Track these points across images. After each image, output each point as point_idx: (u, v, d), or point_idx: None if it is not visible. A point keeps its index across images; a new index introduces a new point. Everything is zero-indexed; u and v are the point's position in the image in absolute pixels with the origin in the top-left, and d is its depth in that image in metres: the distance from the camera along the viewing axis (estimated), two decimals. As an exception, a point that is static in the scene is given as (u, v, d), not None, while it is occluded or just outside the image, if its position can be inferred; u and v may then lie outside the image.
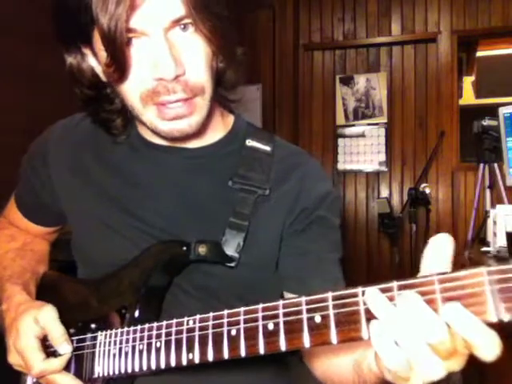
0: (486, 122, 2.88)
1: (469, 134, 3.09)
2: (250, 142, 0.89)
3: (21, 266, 0.96)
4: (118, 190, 0.87)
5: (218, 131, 0.90)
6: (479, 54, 4.99)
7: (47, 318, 0.80)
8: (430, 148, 3.81)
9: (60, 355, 0.79)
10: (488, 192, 2.99)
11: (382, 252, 3.95)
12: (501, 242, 2.01)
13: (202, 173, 0.87)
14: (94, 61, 0.79)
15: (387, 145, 3.98)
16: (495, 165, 2.96)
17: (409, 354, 0.47)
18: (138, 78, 0.74)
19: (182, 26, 0.73)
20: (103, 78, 0.81)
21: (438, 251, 0.48)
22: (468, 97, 5.23)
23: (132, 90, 0.75)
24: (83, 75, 0.82)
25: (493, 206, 2.65)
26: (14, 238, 1.02)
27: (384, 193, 3.97)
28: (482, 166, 3.05)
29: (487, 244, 2.21)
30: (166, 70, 0.71)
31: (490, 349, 0.44)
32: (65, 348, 0.79)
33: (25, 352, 0.78)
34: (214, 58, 0.79)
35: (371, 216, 4.00)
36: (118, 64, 0.71)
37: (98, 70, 0.80)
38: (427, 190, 3.28)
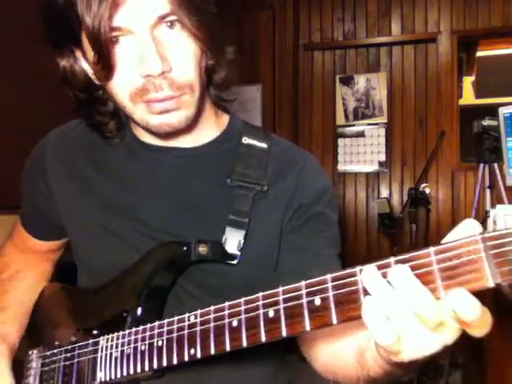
0: (486, 122, 2.88)
1: (469, 134, 3.08)
2: (246, 140, 0.89)
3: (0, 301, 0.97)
4: (115, 194, 0.87)
5: (212, 130, 0.90)
6: (479, 53, 4.99)
7: None
8: (430, 148, 3.81)
9: None
10: (488, 192, 2.99)
11: (382, 252, 3.95)
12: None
13: (198, 172, 0.86)
14: (85, 62, 0.79)
15: (387, 145, 3.97)
16: (495, 165, 2.96)
17: (398, 327, 0.47)
18: (126, 76, 0.74)
19: (169, 24, 0.73)
20: (95, 79, 0.81)
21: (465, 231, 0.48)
22: (468, 97, 5.23)
23: (121, 89, 0.76)
24: (76, 78, 0.82)
25: (493, 206, 2.64)
26: (8, 267, 1.03)
27: (384, 193, 3.97)
28: (481, 165, 3.05)
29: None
30: (152, 66, 0.71)
31: (482, 327, 0.45)
32: None
33: None
34: (203, 55, 0.79)
35: (371, 216, 4.00)
36: (104, 62, 0.71)
37: (90, 71, 0.80)
38: (427, 190, 3.27)
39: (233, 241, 0.81)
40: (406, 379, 2.90)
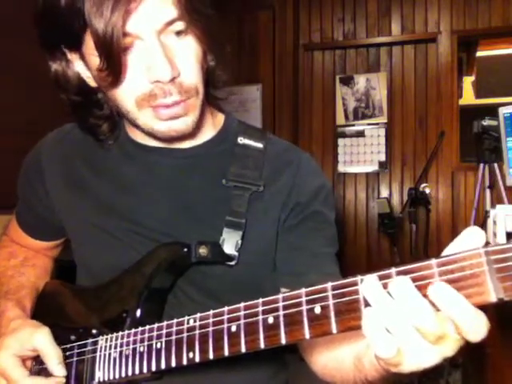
0: (486, 122, 2.88)
1: (469, 134, 3.08)
2: (241, 140, 0.89)
3: (18, 282, 0.96)
4: (112, 196, 0.87)
5: (208, 130, 0.90)
6: (479, 53, 4.99)
7: (43, 340, 0.80)
8: (430, 148, 3.81)
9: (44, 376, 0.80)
10: (488, 192, 2.99)
11: (382, 252, 3.95)
12: (501, 242, 2.00)
13: (195, 172, 0.87)
14: (82, 66, 0.79)
15: (387, 145, 3.97)
16: (495, 165, 2.96)
17: (398, 340, 0.47)
18: (133, 82, 0.74)
19: (175, 32, 0.74)
20: (91, 83, 0.80)
21: (468, 241, 0.47)
22: (468, 97, 5.23)
23: (127, 95, 0.75)
24: (69, 81, 0.81)
25: (493, 206, 2.64)
26: (15, 255, 1.02)
27: (384, 193, 3.97)
28: (481, 165, 3.05)
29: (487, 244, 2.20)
30: (162, 72, 0.71)
31: (477, 330, 0.44)
32: (61, 371, 0.79)
33: (6, 369, 0.79)
34: (205, 58, 0.80)
35: (371, 216, 3.99)
36: (113, 69, 0.71)
37: (86, 75, 0.80)
38: (427, 190, 3.28)
39: (230, 242, 0.81)
40: (407, 380, 2.89)
